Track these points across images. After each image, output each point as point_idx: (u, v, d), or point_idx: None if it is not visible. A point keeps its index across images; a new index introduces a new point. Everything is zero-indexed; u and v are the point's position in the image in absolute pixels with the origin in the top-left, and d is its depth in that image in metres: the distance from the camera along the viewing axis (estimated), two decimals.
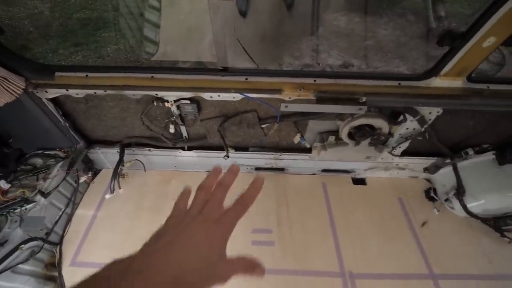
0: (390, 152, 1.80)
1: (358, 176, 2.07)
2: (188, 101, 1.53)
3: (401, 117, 1.56)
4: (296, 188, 1.99)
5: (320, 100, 1.40)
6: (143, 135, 1.86)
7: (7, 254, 1.37)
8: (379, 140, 1.62)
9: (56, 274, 1.60)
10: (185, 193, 0.48)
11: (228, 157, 1.67)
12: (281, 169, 2.04)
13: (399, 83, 1.37)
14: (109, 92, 1.43)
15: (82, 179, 1.85)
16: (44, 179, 1.65)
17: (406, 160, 1.92)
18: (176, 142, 1.82)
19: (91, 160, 1.99)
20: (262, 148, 1.91)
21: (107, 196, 1.76)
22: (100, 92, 1.43)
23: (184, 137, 1.82)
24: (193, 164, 2.00)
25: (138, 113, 1.67)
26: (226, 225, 0.43)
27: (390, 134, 1.66)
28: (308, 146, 1.74)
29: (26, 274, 1.46)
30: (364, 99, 1.37)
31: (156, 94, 1.45)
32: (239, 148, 1.88)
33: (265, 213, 1.85)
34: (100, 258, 1.65)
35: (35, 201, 1.55)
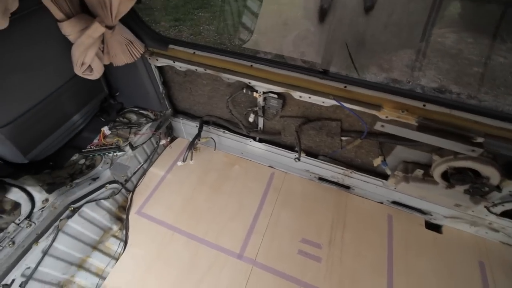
0: (488, 208, 1.50)
1: (434, 221, 1.80)
2: (275, 95, 1.53)
3: None
4: (358, 211, 1.84)
5: (422, 128, 1.23)
6: (222, 117, 1.95)
7: (97, 188, 1.62)
8: (480, 191, 1.36)
9: (124, 216, 1.83)
10: None
11: (299, 160, 1.63)
12: (347, 187, 1.91)
13: None
14: (208, 71, 1.52)
15: (162, 142, 2.05)
16: (135, 134, 1.88)
17: (503, 222, 1.58)
18: (250, 131, 1.86)
19: (172, 127, 2.18)
20: (333, 159, 1.81)
21: (179, 163, 1.91)
22: (200, 69, 1.54)
23: (259, 128, 1.84)
24: (258, 156, 2.02)
25: (225, 95, 1.74)
26: None
27: (498, 187, 1.37)
28: (388, 172, 1.57)
29: (104, 209, 1.70)
30: (481, 140, 1.15)
31: (249, 83, 1.48)
32: (308, 153, 1.82)
33: (318, 226, 1.77)
34: (161, 215, 1.83)
35: (125, 151, 1.78)
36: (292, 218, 1.81)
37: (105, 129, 1.80)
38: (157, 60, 1.62)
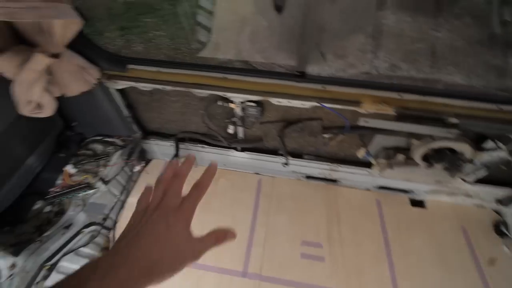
0: (463, 178, 1.62)
1: (416, 198, 1.91)
2: (253, 104, 1.47)
3: (490, 144, 1.37)
4: (348, 202, 1.88)
5: (401, 117, 1.27)
6: (198, 131, 1.84)
7: (72, 237, 1.43)
8: (457, 166, 1.45)
9: None
10: (147, 190, 0.50)
11: (287, 164, 1.60)
12: (334, 181, 1.93)
13: (501, 108, 1.19)
14: (177, 88, 1.41)
15: (136, 168, 1.88)
16: (104, 166, 1.69)
17: (477, 188, 1.72)
18: (231, 142, 1.78)
19: (144, 150, 2.02)
20: (317, 157, 1.82)
21: None
22: (168, 87, 1.41)
23: (239, 138, 1.77)
24: (243, 165, 1.96)
25: (199, 109, 1.64)
26: (187, 210, 0.45)
27: (471, 161, 1.48)
28: (373, 162, 1.61)
29: (86, 257, 1.52)
30: (455, 121, 1.22)
31: (224, 95, 1.40)
32: (293, 154, 1.80)
33: (315, 224, 1.77)
34: None
35: (96, 188, 1.59)
36: (288, 222, 1.79)
37: (69, 168, 1.59)
38: (115, 82, 1.46)
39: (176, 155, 1.78)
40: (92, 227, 1.57)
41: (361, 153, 1.61)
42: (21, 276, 1.22)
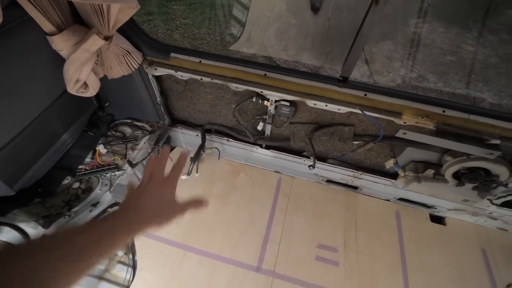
0: (491, 200, 1.59)
1: (437, 214, 1.88)
2: (287, 103, 1.46)
3: None
4: (368, 211, 1.87)
5: (440, 133, 1.25)
6: (225, 125, 1.85)
7: (99, 215, 1.48)
8: (489, 187, 1.43)
9: None
10: (148, 165, 0.68)
11: (314, 167, 1.60)
12: (355, 188, 1.92)
13: None
14: (215, 80, 1.41)
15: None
16: (132, 149, 1.73)
17: (503, 211, 1.69)
18: (257, 139, 1.79)
19: (170, 137, 2.04)
20: (342, 162, 1.81)
21: (183, 177, 1.80)
22: (206, 79, 1.42)
23: (266, 135, 1.77)
24: (265, 162, 1.97)
25: (231, 104, 1.65)
26: (170, 181, 0.63)
27: (504, 183, 1.45)
28: (401, 174, 1.59)
29: None
30: (497, 142, 1.19)
31: (261, 92, 1.40)
32: (317, 157, 1.79)
33: (332, 229, 1.77)
34: (169, 233, 1.72)
35: (124, 169, 1.63)
36: (305, 223, 1.80)
37: (101, 148, 1.63)
38: (155, 69, 1.48)
39: (202, 146, 1.79)
40: (116, 207, 1.61)
41: (389, 164, 1.59)
42: None
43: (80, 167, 1.62)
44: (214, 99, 1.67)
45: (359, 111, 1.26)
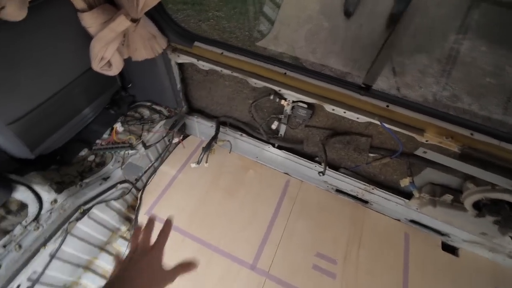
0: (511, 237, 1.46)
1: (451, 243, 1.76)
2: (305, 105, 1.43)
3: None
4: (375, 228, 1.79)
5: (465, 157, 1.16)
6: (241, 119, 1.85)
7: (108, 189, 1.53)
8: None
9: (133, 217, 1.76)
10: (134, 236, 0.67)
11: (323, 174, 1.55)
12: (365, 201, 1.85)
13: None
14: (235, 73, 1.41)
15: (175, 140, 1.95)
16: (148, 131, 1.77)
17: None
18: (270, 137, 1.76)
19: (185, 124, 2.08)
20: (354, 173, 1.74)
21: (193, 165, 1.82)
22: (226, 71, 1.42)
23: (279, 135, 1.75)
24: (275, 162, 1.94)
25: (248, 99, 1.64)
26: (157, 249, 0.64)
27: None
28: (416, 195, 1.50)
29: (114, 210, 1.62)
30: None
31: (279, 90, 1.37)
32: (329, 165, 1.74)
33: (334, 240, 1.72)
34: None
35: (137, 150, 1.68)
36: (308, 230, 1.75)
37: (118, 126, 1.69)
38: (178, 56, 1.50)
39: (215, 137, 1.80)
40: (125, 185, 1.67)
41: (404, 182, 1.51)
42: (59, 212, 1.33)
43: (97, 141, 1.69)
44: (232, 92, 1.67)
45: (378, 122, 1.19)
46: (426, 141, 1.19)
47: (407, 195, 1.63)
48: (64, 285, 1.47)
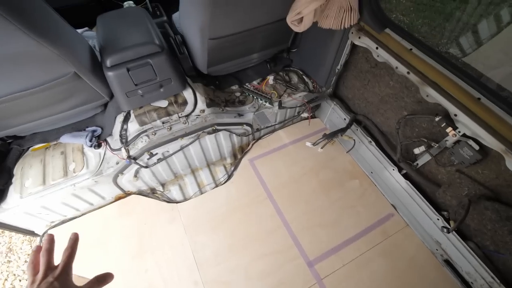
0: None
1: None
2: (477, 147, 1.14)
3: None
4: None
5: None
6: (380, 127, 1.68)
7: (237, 123, 1.75)
8: None
9: (239, 156, 1.98)
10: (32, 260, 0.62)
11: (449, 232, 1.25)
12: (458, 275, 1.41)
13: None
14: (411, 76, 1.25)
15: (304, 114, 1.99)
16: (289, 94, 1.87)
17: None
18: (401, 161, 1.54)
19: (320, 105, 2.08)
20: (486, 258, 1.33)
21: (308, 144, 1.83)
22: (403, 69, 1.28)
23: (415, 164, 1.50)
24: (388, 187, 1.72)
25: (404, 109, 1.45)
26: (64, 268, 0.60)
27: None
28: None
29: (232, 142, 1.87)
30: None
31: (455, 115, 1.14)
32: (458, 229, 1.39)
33: None
34: (266, 176, 1.88)
35: (272, 106, 1.82)
36: (384, 274, 1.52)
37: (270, 79, 1.86)
38: (359, 38, 1.45)
39: (344, 130, 1.73)
40: (248, 127, 1.87)
41: None
42: (201, 120, 1.63)
43: (247, 84, 1.93)
44: (390, 95, 1.51)
45: None
46: None
47: None
48: (175, 174, 1.86)
